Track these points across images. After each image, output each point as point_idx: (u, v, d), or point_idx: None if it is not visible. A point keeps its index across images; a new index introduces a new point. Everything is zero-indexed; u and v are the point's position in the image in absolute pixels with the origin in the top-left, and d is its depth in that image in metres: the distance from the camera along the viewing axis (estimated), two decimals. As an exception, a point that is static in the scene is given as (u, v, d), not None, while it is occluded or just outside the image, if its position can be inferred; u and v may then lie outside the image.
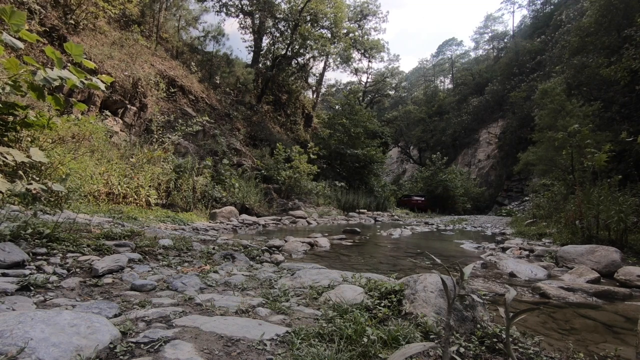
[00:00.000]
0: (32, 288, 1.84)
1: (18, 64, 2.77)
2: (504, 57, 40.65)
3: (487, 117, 37.99)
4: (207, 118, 11.26)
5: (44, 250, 2.43)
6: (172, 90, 12.69)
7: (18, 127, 3.53)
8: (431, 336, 1.56)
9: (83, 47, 2.75)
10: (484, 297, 2.15)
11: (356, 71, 32.44)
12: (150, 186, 7.49)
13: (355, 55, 28.82)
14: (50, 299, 1.76)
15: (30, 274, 2.02)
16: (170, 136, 9.52)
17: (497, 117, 36.28)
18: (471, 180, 32.09)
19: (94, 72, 7.24)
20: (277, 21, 21.10)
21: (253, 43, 21.87)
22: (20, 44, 2.57)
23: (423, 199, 22.02)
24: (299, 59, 22.78)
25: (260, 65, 21.34)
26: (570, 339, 1.89)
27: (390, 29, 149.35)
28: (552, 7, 38.78)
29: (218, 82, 17.28)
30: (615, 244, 4.48)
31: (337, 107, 22.88)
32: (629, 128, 10.19)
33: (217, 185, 9.85)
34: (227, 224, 7.52)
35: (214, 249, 3.60)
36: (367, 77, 34.15)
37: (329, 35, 22.74)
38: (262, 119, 19.38)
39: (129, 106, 10.11)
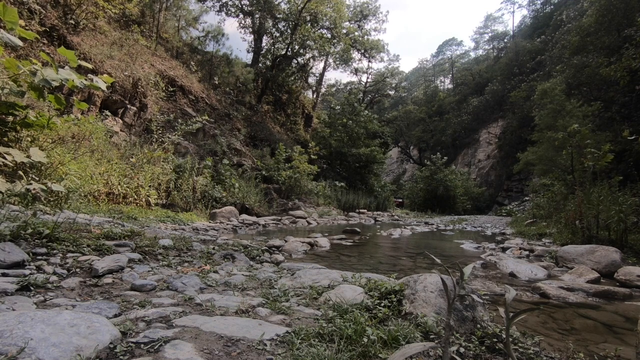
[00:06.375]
0: (32, 288, 1.84)
1: (17, 64, 2.77)
2: (504, 57, 40.67)
3: (487, 117, 38.00)
4: (207, 118, 11.26)
5: (44, 250, 2.43)
6: (172, 90, 12.69)
7: (18, 127, 3.54)
8: (431, 336, 1.56)
9: (78, 47, 2.75)
10: (484, 297, 2.15)
11: (356, 71, 32.44)
12: (150, 186, 7.49)
13: (355, 55, 28.82)
14: (50, 299, 1.76)
15: (30, 274, 2.02)
16: (170, 136, 9.52)
17: (497, 117, 36.29)
18: (471, 180, 32.10)
19: (93, 72, 7.25)
20: (277, 21, 21.08)
21: (253, 43, 21.87)
22: (19, 42, 2.56)
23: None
24: (299, 59, 22.77)
25: (260, 65, 21.32)
26: (570, 339, 1.89)
27: (392, 30, 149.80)
28: (552, 7, 38.79)
29: (218, 82, 17.27)
30: (615, 244, 4.48)
31: (337, 107, 22.87)
32: (629, 128, 10.19)
33: (217, 185, 9.85)
34: (227, 224, 7.52)
35: (214, 249, 3.60)
36: (367, 77, 34.14)
37: (329, 35, 22.72)
38: (262, 119, 19.38)
39: (129, 106, 10.11)
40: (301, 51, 21.71)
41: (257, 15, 21.04)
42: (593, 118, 12.41)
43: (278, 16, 20.76)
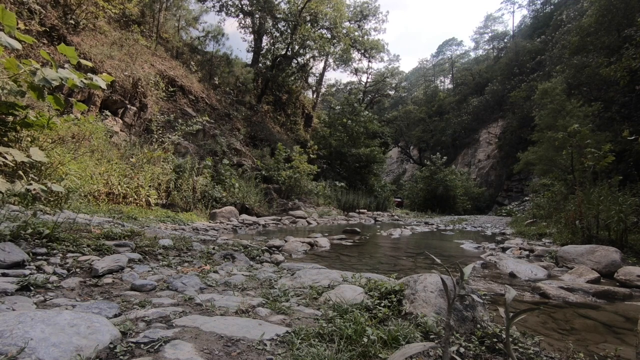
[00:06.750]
0: (32, 288, 1.84)
1: (17, 64, 2.77)
2: (504, 57, 40.66)
3: (487, 117, 38.00)
4: (207, 118, 11.26)
5: (44, 250, 2.43)
6: (172, 90, 12.69)
7: (18, 127, 3.54)
8: (431, 336, 1.56)
9: (77, 47, 2.76)
10: (484, 297, 2.15)
11: (356, 71, 32.44)
12: (150, 186, 7.49)
13: (355, 55, 28.80)
14: (50, 299, 1.76)
15: (30, 274, 2.02)
16: (170, 136, 9.52)
17: (497, 117, 36.29)
18: (471, 180, 32.10)
19: (93, 72, 7.24)
20: (276, 21, 21.08)
21: (253, 43, 21.87)
22: (18, 45, 2.56)
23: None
24: (299, 59, 22.77)
25: (260, 65, 21.32)
26: (570, 339, 1.89)
27: (392, 30, 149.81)
28: (552, 7, 38.79)
29: (218, 82, 17.27)
30: (615, 244, 4.48)
31: (337, 107, 22.87)
32: (629, 128, 10.19)
33: (217, 185, 9.85)
34: (227, 224, 7.52)
35: (214, 249, 3.60)
36: (367, 77, 34.14)
37: (329, 35, 22.72)
38: (262, 119, 19.38)
39: (129, 106, 10.11)
40: (301, 51, 21.71)
41: (257, 15, 21.04)
42: (593, 118, 12.41)
43: (278, 16, 20.75)
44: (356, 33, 26.66)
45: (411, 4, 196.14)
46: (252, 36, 21.82)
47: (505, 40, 48.86)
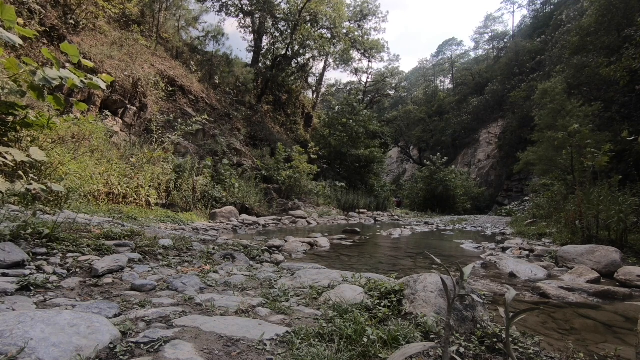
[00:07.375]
0: (32, 288, 1.84)
1: (17, 63, 2.76)
2: (504, 57, 40.64)
3: (487, 117, 37.98)
4: (207, 118, 11.26)
5: (44, 250, 2.43)
6: (172, 90, 12.69)
7: (18, 127, 3.53)
8: (431, 336, 1.56)
9: (77, 47, 2.74)
10: (484, 297, 2.15)
11: (356, 71, 32.44)
12: (150, 186, 7.49)
13: (355, 55, 28.83)
14: (50, 299, 1.76)
15: (30, 274, 2.02)
16: (170, 136, 9.52)
17: (497, 117, 36.28)
18: (471, 180, 32.09)
19: (93, 72, 7.24)
20: (276, 21, 21.09)
21: (253, 43, 21.88)
22: (19, 40, 2.54)
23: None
24: (299, 59, 22.77)
25: (260, 65, 21.32)
26: (570, 339, 1.89)
27: (392, 30, 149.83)
28: (552, 7, 38.79)
29: (218, 82, 17.27)
30: (615, 244, 4.48)
31: (336, 108, 22.88)
32: (629, 128, 10.19)
33: (217, 185, 9.85)
34: (227, 224, 7.52)
35: (214, 249, 3.60)
36: (367, 77, 34.13)
37: (329, 35, 22.72)
38: (262, 119, 19.38)
39: (129, 106, 10.10)
40: (301, 51, 21.72)
41: (257, 15, 21.04)
42: (593, 118, 12.41)
43: (278, 16, 20.76)
44: (356, 33, 26.65)
45: (411, 4, 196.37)
46: (252, 36, 21.83)
47: (505, 40, 48.84)
